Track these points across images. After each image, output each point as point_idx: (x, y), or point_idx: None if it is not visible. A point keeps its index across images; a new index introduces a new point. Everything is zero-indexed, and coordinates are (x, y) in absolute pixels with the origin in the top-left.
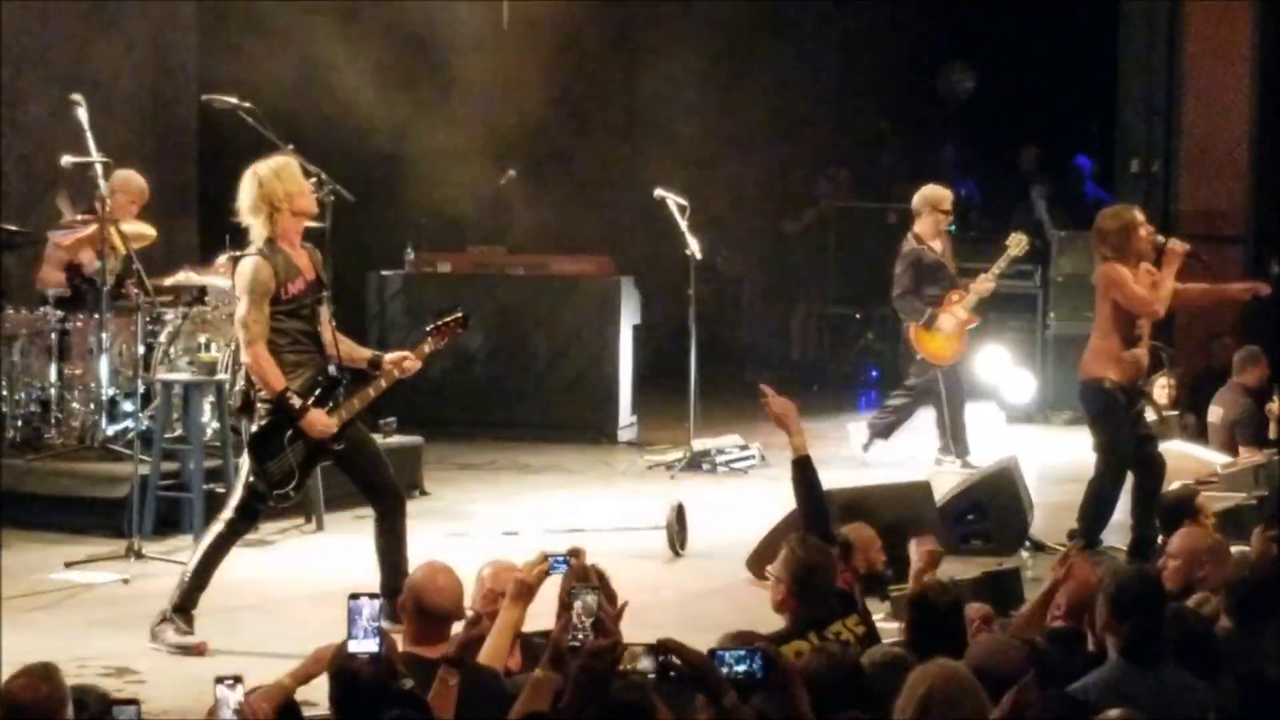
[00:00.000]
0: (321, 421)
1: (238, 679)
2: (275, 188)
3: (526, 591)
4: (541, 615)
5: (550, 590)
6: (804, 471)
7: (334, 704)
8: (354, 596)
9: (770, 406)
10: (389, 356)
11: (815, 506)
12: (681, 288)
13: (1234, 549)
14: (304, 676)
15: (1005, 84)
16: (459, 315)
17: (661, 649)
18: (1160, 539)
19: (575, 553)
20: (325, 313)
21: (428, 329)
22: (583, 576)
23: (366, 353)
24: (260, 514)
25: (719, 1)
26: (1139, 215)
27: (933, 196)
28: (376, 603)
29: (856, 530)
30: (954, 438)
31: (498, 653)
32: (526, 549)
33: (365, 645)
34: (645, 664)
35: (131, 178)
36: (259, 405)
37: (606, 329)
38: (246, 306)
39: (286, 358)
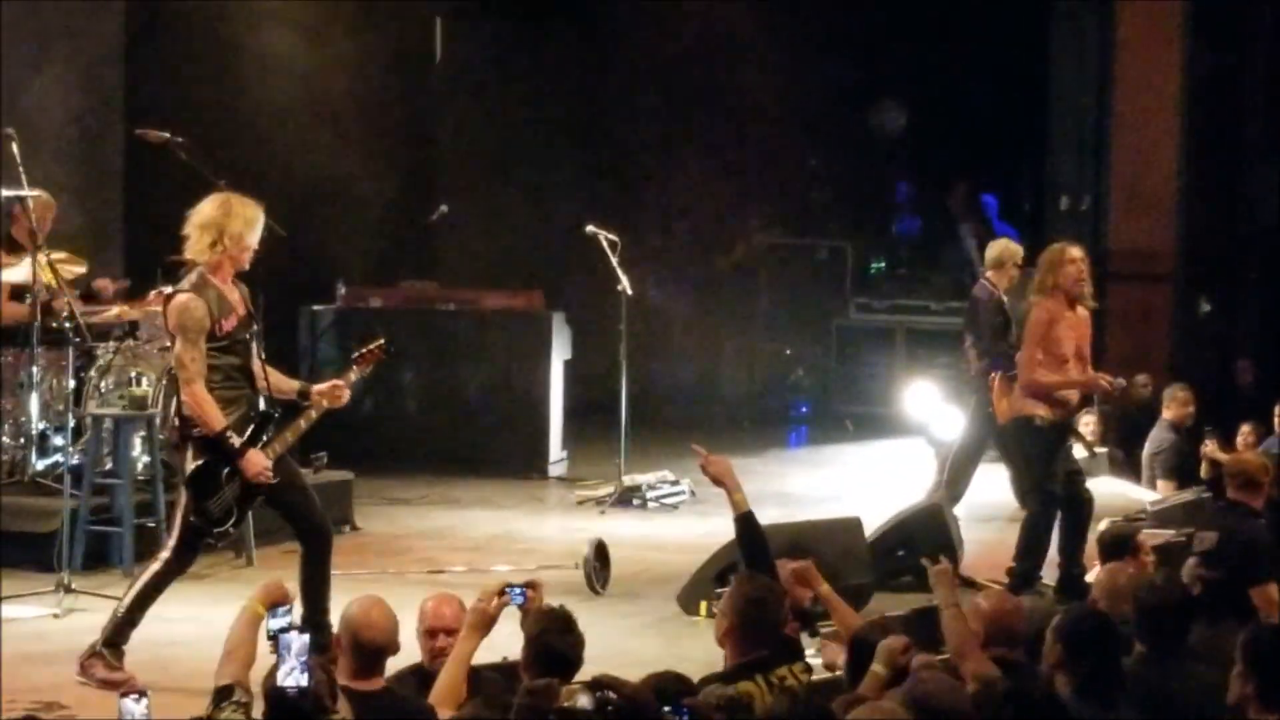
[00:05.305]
0: (260, 462)
1: (142, 693)
2: (233, 225)
3: (485, 622)
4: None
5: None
6: (748, 527)
7: None
8: (284, 630)
9: (706, 468)
10: (317, 387)
11: (759, 560)
12: (613, 323)
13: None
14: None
15: (936, 122)
16: (380, 342)
17: (598, 685)
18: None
19: (533, 585)
20: (255, 347)
21: (352, 357)
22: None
23: (294, 383)
24: (199, 550)
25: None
26: (1073, 252)
27: (1012, 252)
28: (306, 637)
29: (779, 566)
30: (955, 496)
31: (453, 684)
32: (452, 586)
33: (295, 679)
34: (583, 701)
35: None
36: (194, 442)
37: (537, 364)
38: (182, 345)
39: (220, 394)
